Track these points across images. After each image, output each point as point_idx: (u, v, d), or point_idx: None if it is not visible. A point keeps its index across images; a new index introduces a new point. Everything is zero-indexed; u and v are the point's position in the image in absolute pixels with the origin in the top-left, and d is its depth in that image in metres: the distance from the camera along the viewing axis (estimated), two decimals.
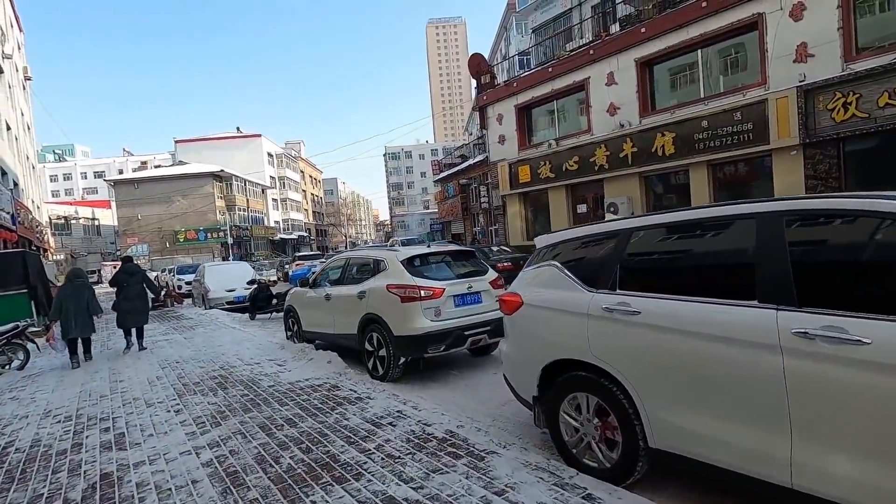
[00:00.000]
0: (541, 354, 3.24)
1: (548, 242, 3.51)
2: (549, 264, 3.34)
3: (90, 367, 7.35)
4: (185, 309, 15.69)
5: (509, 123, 20.48)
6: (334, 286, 6.45)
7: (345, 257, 6.67)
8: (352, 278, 6.26)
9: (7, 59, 23.44)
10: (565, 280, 3.16)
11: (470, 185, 25.36)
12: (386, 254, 5.77)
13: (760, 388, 2.24)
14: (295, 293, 7.53)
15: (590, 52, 16.77)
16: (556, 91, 18.37)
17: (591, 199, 18.08)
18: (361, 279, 6.01)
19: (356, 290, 5.84)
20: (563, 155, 18.05)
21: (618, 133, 16.16)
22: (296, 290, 7.55)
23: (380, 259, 5.72)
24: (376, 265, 5.76)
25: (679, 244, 2.88)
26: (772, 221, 2.33)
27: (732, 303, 2.37)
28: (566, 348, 3.07)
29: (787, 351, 2.16)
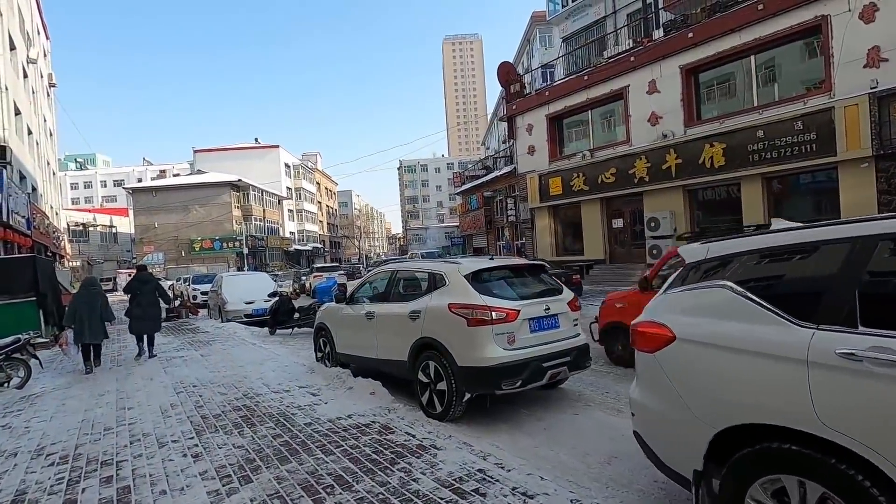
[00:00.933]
0: (713, 415, 2.29)
1: (710, 255, 2.57)
2: (718, 285, 2.40)
3: (96, 388, 6.51)
4: (201, 321, 14.92)
5: (540, 134, 19.69)
6: (378, 303, 5.55)
7: (390, 269, 5.74)
8: (400, 294, 5.36)
9: (32, 63, 23.33)
10: (753, 309, 2.22)
11: (494, 198, 24.51)
12: (445, 266, 4.86)
13: None
14: (328, 310, 6.64)
15: (630, 59, 15.94)
16: (592, 100, 17.56)
17: (628, 214, 17.11)
18: (413, 296, 5.10)
19: (407, 308, 4.92)
20: (599, 167, 17.15)
21: (660, 144, 15.25)
22: (329, 307, 6.66)
23: (438, 272, 4.81)
24: (433, 280, 4.85)
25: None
26: None
27: None
28: (767, 410, 2.11)
29: None
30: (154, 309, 8.97)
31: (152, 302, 8.97)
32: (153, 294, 9.06)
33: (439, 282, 4.78)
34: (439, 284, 4.77)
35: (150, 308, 8.89)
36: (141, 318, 8.78)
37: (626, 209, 17.14)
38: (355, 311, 5.91)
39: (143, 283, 9.06)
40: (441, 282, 4.76)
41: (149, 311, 8.86)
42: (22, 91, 21.32)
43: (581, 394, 5.18)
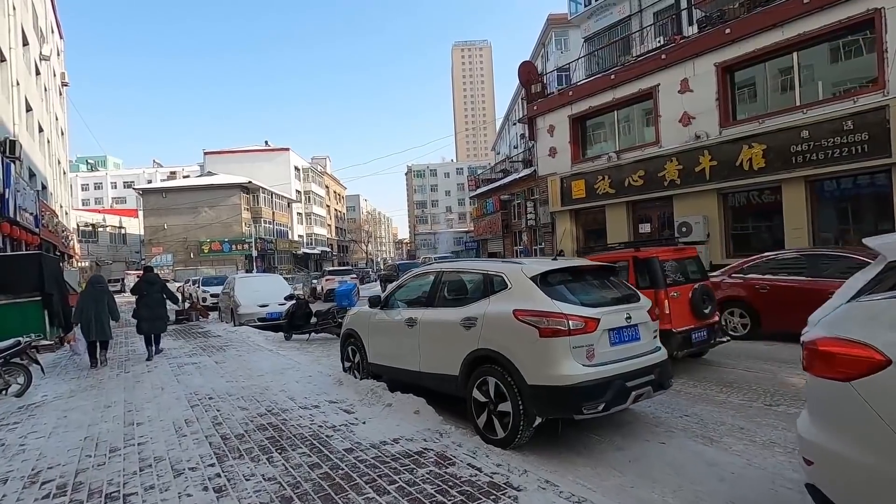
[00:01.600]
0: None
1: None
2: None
3: (102, 398, 5.90)
4: (211, 324, 14.34)
5: (562, 135, 19.03)
6: (420, 308, 4.89)
7: (435, 270, 5.09)
8: (449, 299, 4.71)
9: (45, 60, 23.07)
10: None
11: (512, 201, 23.87)
12: (505, 267, 4.20)
13: None
14: (358, 315, 5.98)
15: (661, 56, 15.28)
16: (618, 100, 16.88)
17: (656, 218, 16.37)
18: (465, 300, 4.45)
19: (459, 315, 4.27)
20: (626, 169, 16.44)
21: (692, 145, 14.53)
22: (359, 312, 6.01)
23: (497, 274, 4.15)
24: (490, 282, 4.18)
25: None
26: None
27: None
28: None
29: None
30: (161, 309, 9.28)
31: (160, 302, 9.29)
32: (160, 295, 9.37)
33: (499, 285, 4.12)
34: (498, 288, 4.11)
35: (157, 308, 9.19)
36: (149, 318, 9.03)
37: (654, 213, 16.41)
38: (392, 317, 5.26)
39: (150, 284, 9.34)
40: (501, 285, 4.09)
41: (156, 311, 9.16)
42: (34, 88, 21.01)
43: (656, 417, 4.49)
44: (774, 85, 13.52)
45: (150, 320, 8.98)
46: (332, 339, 10.53)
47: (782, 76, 13.23)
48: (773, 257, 8.42)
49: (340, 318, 10.40)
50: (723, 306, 8.58)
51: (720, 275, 9.11)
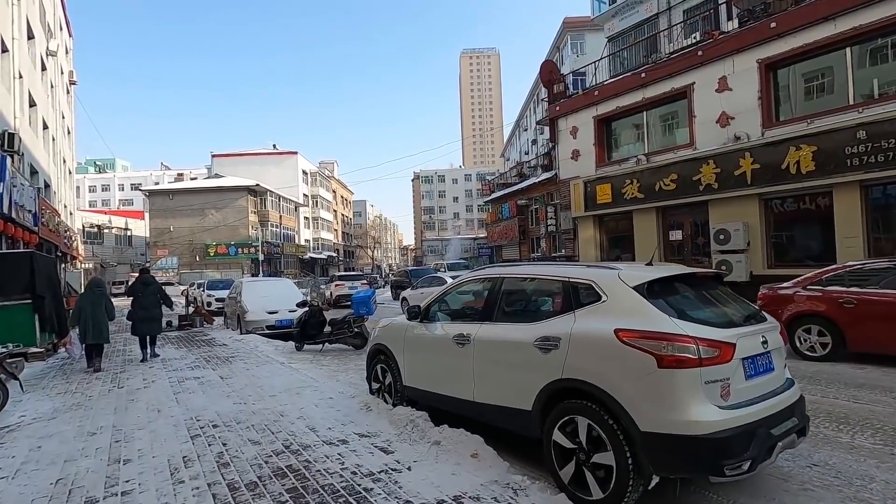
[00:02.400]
0: None
1: None
2: None
3: (87, 421, 5.01)
4: (216, 331, 13.47)
5: (586, 137, 18.16)
6: (473, 323, 3.98)
7: (492, 276, 4.12)
8: (513, 312, 3.81)
9: (51, 56, 22.50)
10: None
11: (529, 206, 22.97)
12: (595, 272, 3.28)
13: None
14: (390, 329, 5.07)
15: (697, 53, 14.41)
16: (649, 100, 16.00)
17: (689, 225, 15.41)
18: (539, 315, 3.53)
19: (531, 333, 3.36)
20: (657, 172, 15.52)
21: (731, 147, 13.60)
22: (393, 325, 5.09)
23: (584, 281, 3.23)
24: (574, 291, 3.27)
25: None
26: None
27: None
28: None
29: None
30: (156, 310, 9.32)
31: (155, 304, 9.30)
32: (155, 296, 9.36)
33: (588, 296, 3.20)
34: (588, 299, 3.19)
35: (153, 309, 9.23)
36: (144, 319, 9.09)
37: (687, 219, 15.45)
38: (435, 332, 4.35)
39: (146, 286, 9.32)
40: (592, 296, 3.18)
41: (152, 313, 9.21)
42: (39, 83, 20.39)
43: (777, 467, 3.52)
44: (824, 82, 12.59)
45: (146, 321, 9.06)
46: (348, 350, 9.64)
47: (833, 73, 12.31)
48: (860, 267, 7.44)
49: (357, 328, 9.52)
50: (796, 322, 7.60)
51: (791, 286, 8.13)
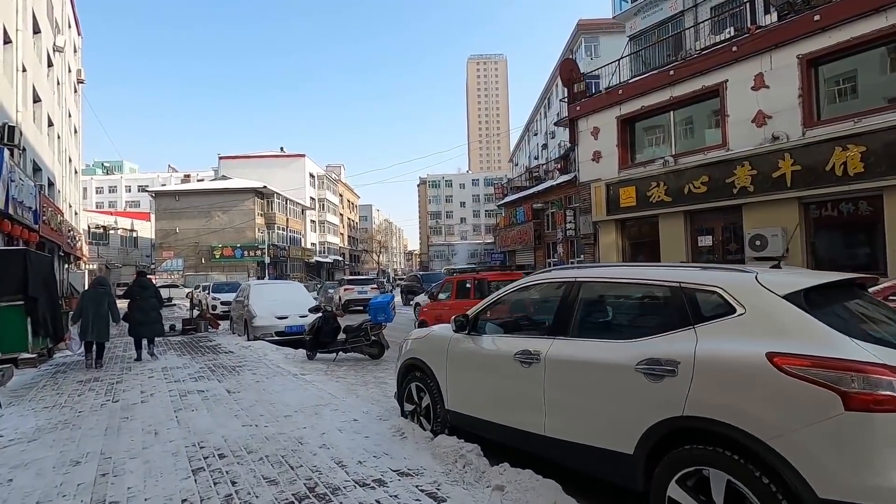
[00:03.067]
0: None
1: None
2: None
3: (72, 446, 4.28)
4: (222, 336, 12.77)
5: (608, 138, 17.42)
6: (543, 337, 3.23)
7: (567, 279, 3.32)
8: (600, 325, 3.08)
9: (58, 51, 22.04)
10: None
11: (545, 210, 22.20)
12: (723, 276, 2.54)
13: None
14: (429, 340, 4.31)
15: (732, 49, 13.66)
16: (677, 99, 15.25)
17: (720, 230, 14.60)
18: (641, 329, 2.81)
19: (631, 353, 2.61)
20: (686, 174, 14.74)
21: (769, 148, 12.82)
22: (431, 335, 4.33)
23: (708, 287, 2.48)
24: (693, 301, 2.52)
25: None
26: None
27: None
28: None
29: None
30: (155, 313, 9.44)
31: (153, 306, 9.42)
32: (154, 299, 9.49)
33: (715, 307, 2.45)
34: (715, 311, 2.44)
35: (151, 312, 9.34)
36: (142, 322, 9.19)
37: (718, 224, 14.65)
38: (490, 346, 3.60)
39: (143, 289, 9.39)
40: (721, 307, 2.43)
41: (150, 315, 9.32)
42: (45, 79, 19.91)
43: None
44: (873, 78, 11.80)
45: (145, 324, 9.18)
46: (363, 360, 8.90)
47: (884, 68, 11.53)
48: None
49: (374, 336, 8.78)
50: None
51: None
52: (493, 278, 12.13)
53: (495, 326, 3.75)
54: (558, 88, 46.42)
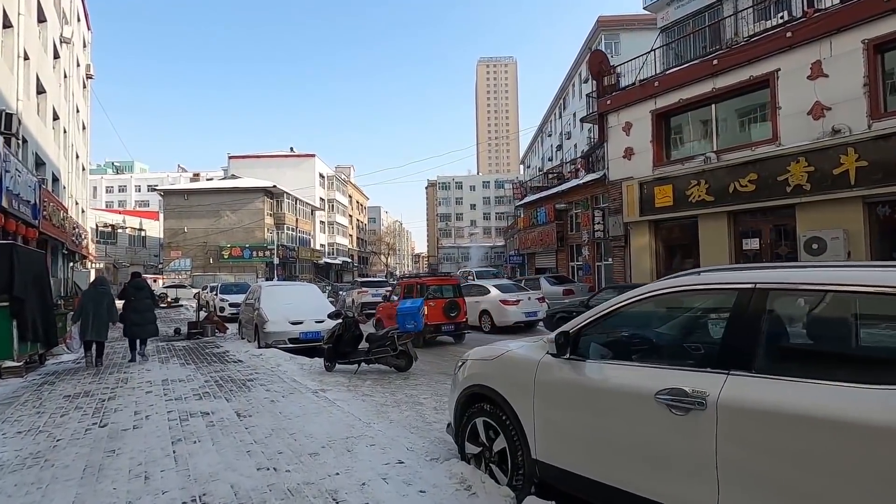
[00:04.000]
0: None
1: None
2: None
3: (35, 496, 3.28)
4: (230, 341, 11.81)
5: (641, 133, 16.35)
6: (707, 371, 2.12)
7: (739, 284, 2.26)
8: (811, 355, 2.07)
9: (65, 43, 21.32)
10: None
11: (569, 211, 21.10)
12: None
13: None
14: (508, 362, 3.18)
15: (786, 35, 12.55)
16: (720, 90, 14.16)
17: (768, 232, 13.46)
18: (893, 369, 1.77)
19: (883, 406, 1.59)
20: (731, 172, 13.63)
21: (828, 142, 11.70)
22: (510, 355, 3.21)
23: None
24: None
25: None
26: None
27: None
28: None
29: None
30: (149, 314, 9.40)
31: (148, 307, 9.40)
32: (149, 300, 9.50)
33: None
34: None
35: (146, 313, 9.31)
36: (137, 323, 9.21)
37: (766, 226, 13.52)
38: (610, 379, 2.55)
39: (138, 290, 9.38)
40: None
41: (146, 316, 9.29)
42: (50, 70, 19.17)
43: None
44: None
45: (139, 325, 9.16)
46: (388, 372, 7.89)
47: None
48: None
49: (402, 346, 7.76)
50: None
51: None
52: (429, 283, 12.64)
53: (609, 349, 2.71)
54: (575, 88, 45.32)
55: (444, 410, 5.60)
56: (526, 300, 13.01)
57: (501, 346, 3.52)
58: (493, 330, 12.94)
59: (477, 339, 12.16)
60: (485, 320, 13.19)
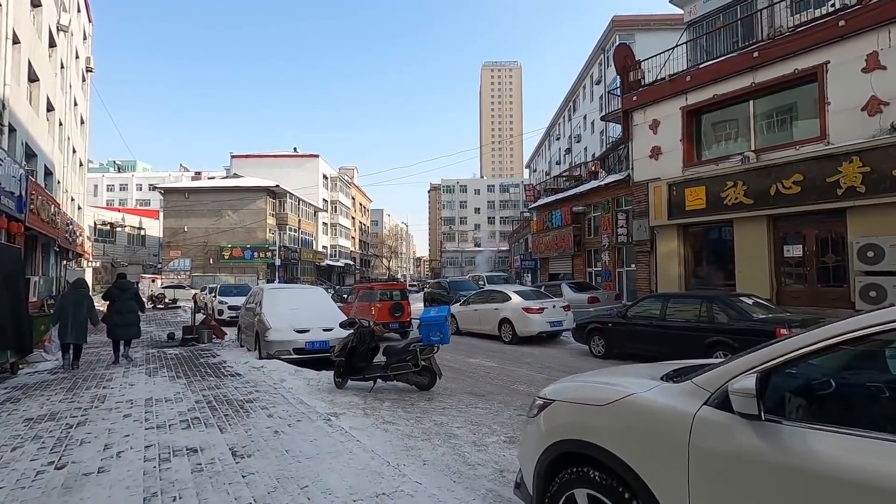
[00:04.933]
0: None
1: None
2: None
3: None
4: (227, 349, 10.77)
5: (670, 131, 15.33)
6: None
7: None
8: None
9: (62, 31, 20.38)
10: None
11: (587, 214, 20.06)
12: None
13: None
14: (631, 410, 2.03)
15: (838, 23, 11.53)
16: (760, 85, 13.16)
17: (813, 238, 12.41)
18: None
19: None
20: (774, 173, 12.60)
21: (886, 140, 10.68)
22: (633, 400, 2.09)
23: None
24: None
25: None
26: None
27: None
28: None
29: None
30: (133, 315, 9.26)
31: (132, 309, 9.26)
32: (132, 302, 9.34)
33: None
34: None
35: (129, 314, 9.17)
36: (120, 324, 9.07)
37: (811, 231, 12.47)
38: (829, 458, 1.50)
39: (122, 291, 9.23)
40: None
41: (128, 318, 9.16)
42: (45, 58, 18.23)
43: None
44: None
45: (123, 326, 9.04)
46: (407, 390, 6.84)
47: None
48: None
49: (425, 361, 6.71)
50: None
51: None
52: (377, 287, 14.81)
53: (828, 409, 1.67)
54: (586, 91, 44.43)
55: (485, 447, 4.57)
56: (551, 308, 11.94)
57: (611, 382, 2.47)
58: (514, 340, 11.88)
59: (497, 350, 11.12)
60: (505, 329, 12.11)
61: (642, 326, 8.99)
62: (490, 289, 14.13)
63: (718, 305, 7.78)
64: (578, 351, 10.79)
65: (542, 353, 10.77)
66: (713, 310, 7.79)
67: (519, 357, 10.14)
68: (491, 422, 5.42)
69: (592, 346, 10.01)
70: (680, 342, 8.28)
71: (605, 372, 2.91)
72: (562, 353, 10.69)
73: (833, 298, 11.90)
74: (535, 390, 7.48)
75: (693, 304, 8.24)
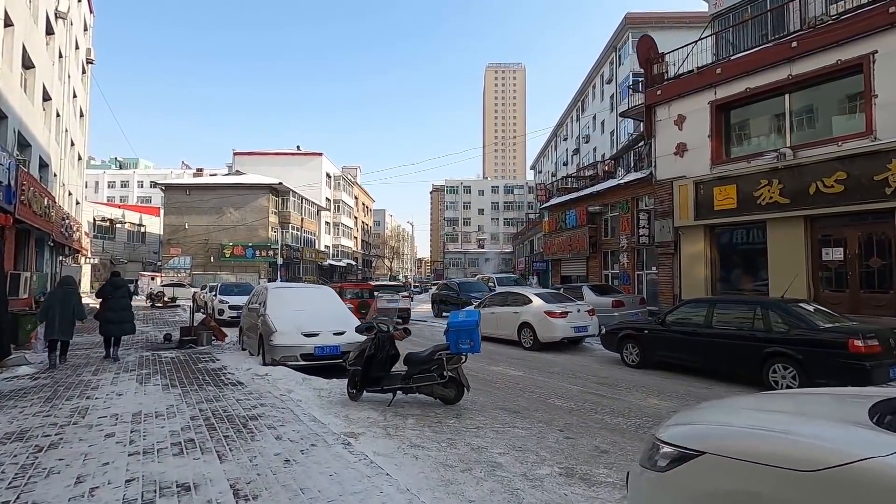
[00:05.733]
0: None
1: None
2: None
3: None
4: (228, 353, 9.97)
5: (698, 127, 14.54)
6: None
7: None
8: None
9: (61, 18, 19.65)
10: None
11: (603, 214, 19.26)
12: None
13: None
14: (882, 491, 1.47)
15: (888, 10, 10.74)
16: (798, 77, 12.36)
17: (855, 241, 11.60)
18: None
19: None
20: (813, 171, 11.81)
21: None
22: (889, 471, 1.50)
23: None
24: None
25: None
26: None
27: None
28: None
29: None
30: (127, 313, 9.23)
31: (125, 306, 9.24)
32: (126, 299, 9.35)
33: None
34: None
35: (123, 312, 9.16)
36: (114, 321, 9.04)
37: (854, 233, 11.66)
38: None
39: (116, 288, 9.23)
40: None
41: (122, 315, 9.14)
42: (42, 45, 17.49)
43: None
44: None
45: (115, 323, 9.02)
46: (431, 404, 6.05)
47: None
48: None
49: (451, 371, 5.92)
50: None
51: None
52: (345, 287, 17.14)
53: None
54: (595, 90, 43.66)
55: (539, 482, 3.78)
56: (574, 312, 11.13)
57: (803, 432, 1.67)
58: (535, 346, 11.07)
59: (519, 357, 10.30)
60: (525, 335, 11.30)
61: (684, 334, 8.18)
62: (507, 291, 13.31)
63: (777, 312, 6.96)
64: (607, 359, 9.98)
65: (567, 360, 9.96)
66: (770, 317, 6.97)
67: (544, 365, 9.34)
68: (536, 446, 4.62)
69: (625, 355, 9.20)
70: (729, 353, 7.47)
71: (759, 403, 2.10)
72: (589, 362, 9.87)
73: (877, 305, 11.09)
74: (575, 406, 6.55)
75: (746, 311, 7.43)
